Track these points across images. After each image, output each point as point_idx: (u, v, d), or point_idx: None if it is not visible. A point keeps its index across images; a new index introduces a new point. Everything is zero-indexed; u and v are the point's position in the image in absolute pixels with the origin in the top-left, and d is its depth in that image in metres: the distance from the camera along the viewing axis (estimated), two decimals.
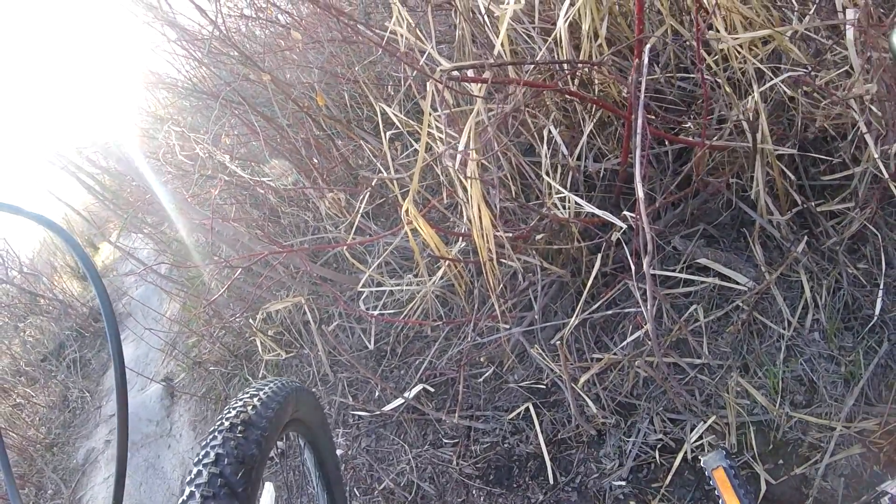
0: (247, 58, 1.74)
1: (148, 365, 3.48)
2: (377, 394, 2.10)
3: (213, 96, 2.01)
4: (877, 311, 1.45)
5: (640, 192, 1.30)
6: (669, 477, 1.57)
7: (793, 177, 1.59)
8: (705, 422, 1.58)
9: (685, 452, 1.58)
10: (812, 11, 1.37)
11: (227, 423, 0.88)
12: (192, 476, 0.82)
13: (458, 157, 1.69)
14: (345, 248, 1.97)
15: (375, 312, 2.06)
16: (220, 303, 2.54)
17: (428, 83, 1.64)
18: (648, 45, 1.51)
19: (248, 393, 0.98)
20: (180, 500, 0.80)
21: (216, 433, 0.87)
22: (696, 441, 1.58)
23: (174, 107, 3.35)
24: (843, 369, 1.46)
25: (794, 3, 1.43)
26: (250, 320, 2.38)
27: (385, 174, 2.04)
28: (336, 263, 2.37)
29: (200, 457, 0.83)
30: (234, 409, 0.92)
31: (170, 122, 2.04)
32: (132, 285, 4.32)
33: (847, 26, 1.19)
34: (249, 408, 0.91)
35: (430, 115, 1.59)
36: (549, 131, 1.88)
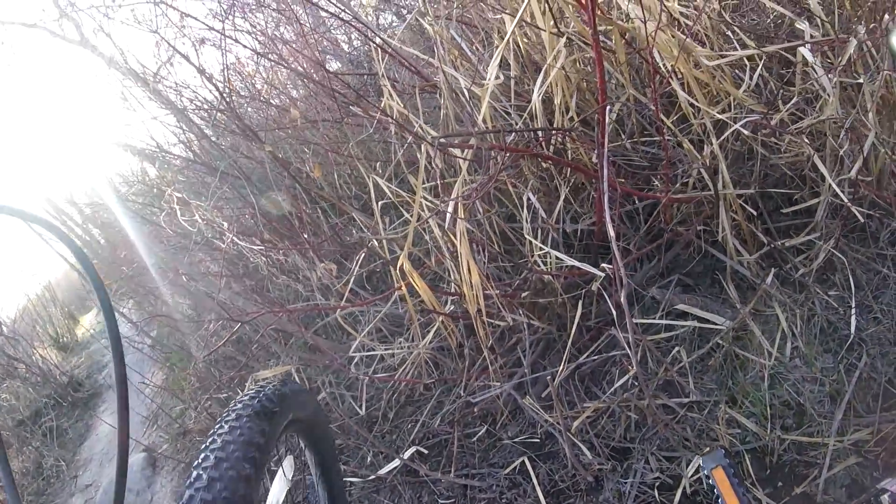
0: (250, 130, 1.89)
1: (130, 435, 3.30)
2: (369, 459, 2.06)
3: (210, 169, 2.14)
4: (853, 330, 1.54)
5: (612, 232, 1.43)
6: None
7: (756, 216, 1.74)
8: (700, 455, 1.59)
9: (684, 487, 1.57)
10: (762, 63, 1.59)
11: (246, 397, 0.93)
12: (215, 429, 0.85)
13: (448, 216, 1.82)
14: (337, 312, 2.02)
15: (368, 375, 2.07)
16: (206, 373, 2.51)
17: (423, 146, 1.81)
18: (610, 108, 1.71)
19: (259, 382, 1.04)
20: (203, 447, 0.83)
21: (237, 402, 0.92)
22: (693, 475, 1.59)
23: (170, 179, 3.47)
24: (827, 388, 1.52)
25: (746, 60, 1.65)
26: (238, 389, 2.34)
27: (376, 243, 2.15)
28: (326, 334, 2.39)
29: (224, 416, 0.87)
30: (249, 391, 0.98)
31: (166, 193, 2.14)
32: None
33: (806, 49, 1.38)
34: (266, 388, 0.97)
35: (422, 174, 1.73)
36: (528, 198, 2.03)
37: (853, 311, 1.57)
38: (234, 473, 0.82)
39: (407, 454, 1.97)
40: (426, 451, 2.00)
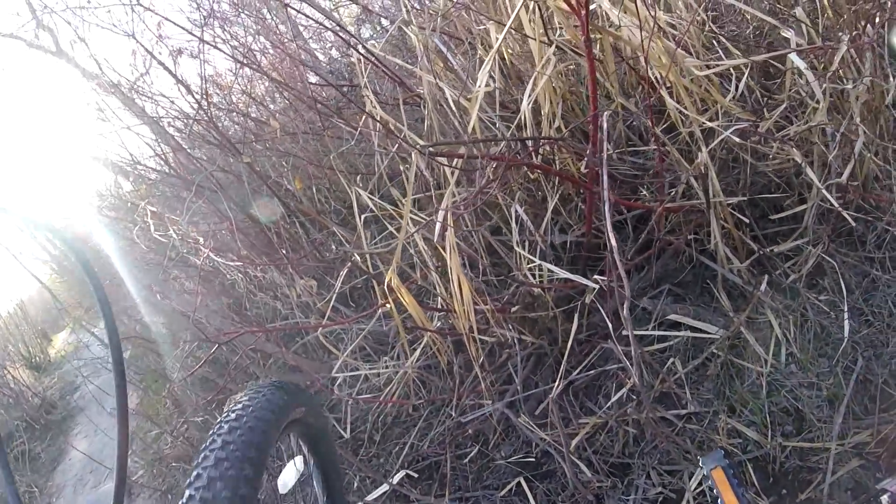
0: (227, 141, 1.82)
1: (104, 460, 3.20)
2: (356, 484, 1.96)
3: (186, 183, 2.05)
4: (846, 334, 1.54)
5: (613, 241, 1.40)
6: None
7: (746, 222, 1.74)
8: (702, 467, 1.56)
9: (687, 501, 1.54)
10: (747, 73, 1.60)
11: (246, 397, 0.90)
12: (219, 421, 0.84)
13: (438, 227, 1.77)
14: (319, 331, 1.94)
15: (352, 396, 1.99)
16: (182, 395, 2.38)
17: (412, 154, 1.76)
18: (604, 114, 1.70)
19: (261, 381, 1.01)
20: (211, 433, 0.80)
21: (238, 401, 0.89)
22: (696, 488, 1.55)
23: (144, 192, 3.34)
24: (825, 393, 1.51)
25: (732, 70, 1.66)
26: (216, 413, 2.23)
27: (358, 258, 2.08)
28: (307, 354, 2.30)
29: (227, 412, 0.85)
30: (252, 388, 0.95)
31: (140, 207, 2.05)
32: (91, 375, 4.02)
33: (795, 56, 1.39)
34: (267, 388, 0.94)
35: (411, 185, 1.68)
36: (516, 210, 2.00)
37: (845, 314, 1.57)
38: (257, 414, 0.88)
39: (396, 478, 1.89)
40: (416, 475, 1.92)
